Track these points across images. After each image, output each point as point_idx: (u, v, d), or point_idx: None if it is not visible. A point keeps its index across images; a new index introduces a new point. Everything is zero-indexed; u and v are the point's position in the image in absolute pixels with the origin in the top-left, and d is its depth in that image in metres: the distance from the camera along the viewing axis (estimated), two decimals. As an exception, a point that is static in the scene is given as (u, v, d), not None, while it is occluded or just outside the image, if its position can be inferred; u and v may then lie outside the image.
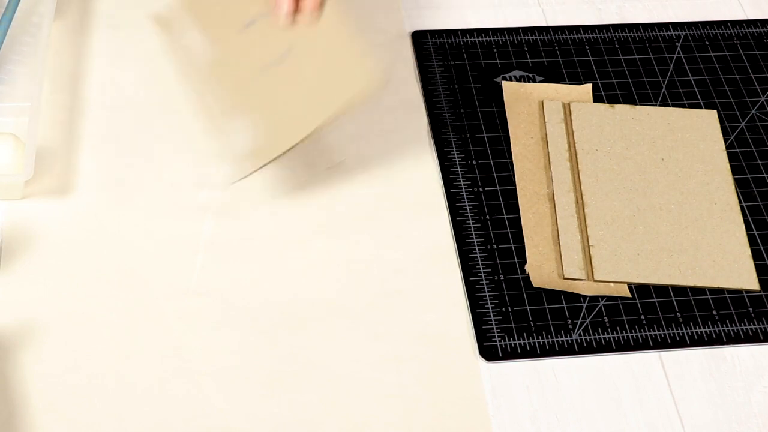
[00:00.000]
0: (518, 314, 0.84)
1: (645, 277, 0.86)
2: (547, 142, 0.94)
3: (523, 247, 0.88)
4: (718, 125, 0.97)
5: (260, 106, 0.86)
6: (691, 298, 0.86)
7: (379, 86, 0.83)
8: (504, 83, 0.99)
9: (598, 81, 1.00)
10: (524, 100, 0.98)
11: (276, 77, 0.86)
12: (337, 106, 0.83)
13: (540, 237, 0.88)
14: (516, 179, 0.92)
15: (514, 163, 0.93)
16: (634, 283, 0.86)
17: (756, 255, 0.89)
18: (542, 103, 0.97)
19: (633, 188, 0.91)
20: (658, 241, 0.88)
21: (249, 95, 0.86)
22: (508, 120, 0.96)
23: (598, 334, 0.83)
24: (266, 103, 0.85)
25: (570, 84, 1.00)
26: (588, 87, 0.99)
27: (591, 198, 0.90)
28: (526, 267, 0.86)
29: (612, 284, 0.86)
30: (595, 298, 0.85)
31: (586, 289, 0.86)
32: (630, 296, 0.85)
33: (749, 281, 0.87)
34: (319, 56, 0.85)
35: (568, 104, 0.97)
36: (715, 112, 0.97)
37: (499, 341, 0.82)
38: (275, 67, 0.86)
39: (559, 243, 0.88)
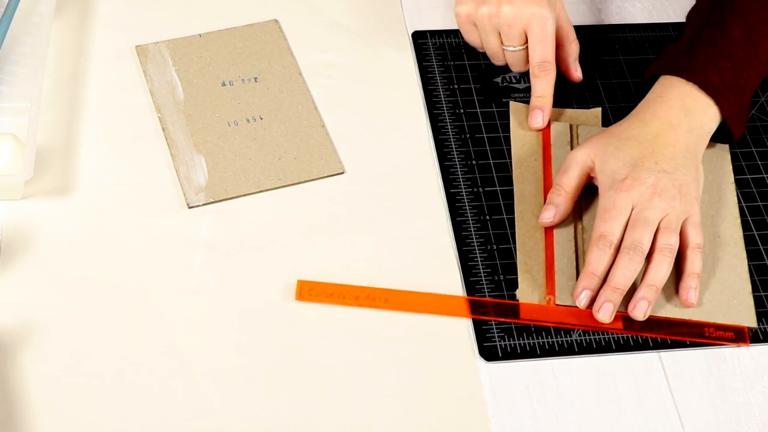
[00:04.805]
0: (518, 314, 0.84)
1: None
2: (551, 164, 0.92)
3: (523, 247, 0.88)
4: (729, 158, 0.94)
5: (219, 153, 0.91)
6: (691, 298, 0.86)
7: (339, 173, 0.91)
8: (512, 104, 0.97)
9: (598, 81, 1.00)
10: None
11: (241, 135, 0.92)
12: (294, 179, 0.90)
13: (534, 262, 0.86)
14: (515, 202, 0.90)
15: (514, 185, 0.91)
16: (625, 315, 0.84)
17: (755, 255, 0.89)
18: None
19: None
20: None
21: (210, 141, 0.92)
22: (512, 142, 0.94)
23: (598, 334, 0.83)
24: (225, 153, 0.91)
25: (579, 108, 0.98)
26: (597, 111, 0.97)
27: (591, 223, 0.87)
28: (517, 293, 0.85)
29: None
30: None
31: (575, 320, 0.83)
32: (622, 328, 0.83)
33: (747, 318, 0.84)
34: (290, 133, 0.93)
35: (576, 126, 0.95)
36: (727, 146, 0.95)
37: (499, 341, 0.82)
38: (243, 126, 0.93)
39: (553, 269, 0.86)
